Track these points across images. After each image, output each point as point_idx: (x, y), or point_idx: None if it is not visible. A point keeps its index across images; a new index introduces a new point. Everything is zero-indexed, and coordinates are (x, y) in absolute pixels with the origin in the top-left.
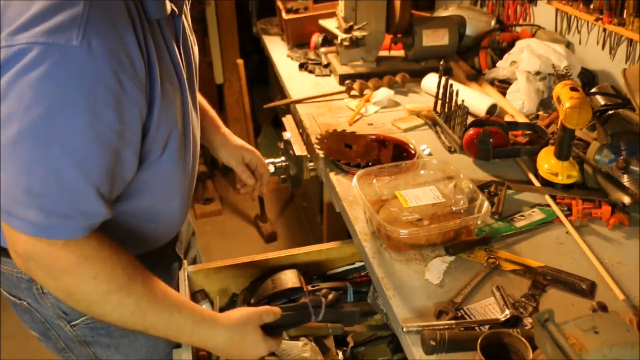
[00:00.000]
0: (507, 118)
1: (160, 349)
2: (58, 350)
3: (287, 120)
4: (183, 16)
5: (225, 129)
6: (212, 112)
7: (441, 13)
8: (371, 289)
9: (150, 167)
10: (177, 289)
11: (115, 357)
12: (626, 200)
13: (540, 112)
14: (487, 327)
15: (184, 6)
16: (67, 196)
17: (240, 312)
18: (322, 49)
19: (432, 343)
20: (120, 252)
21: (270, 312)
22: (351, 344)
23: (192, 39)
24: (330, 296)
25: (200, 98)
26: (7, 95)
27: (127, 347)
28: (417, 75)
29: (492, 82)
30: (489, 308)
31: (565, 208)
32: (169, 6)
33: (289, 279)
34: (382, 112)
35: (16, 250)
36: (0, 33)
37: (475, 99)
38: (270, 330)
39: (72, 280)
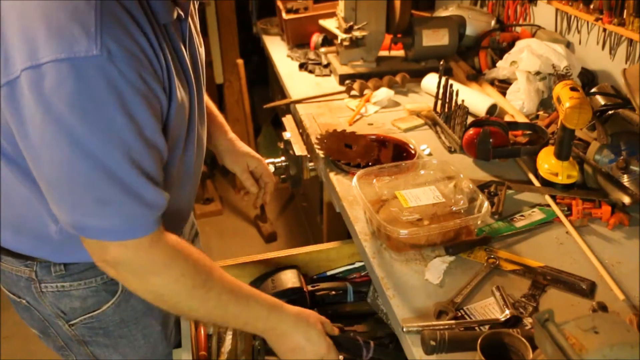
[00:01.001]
0: (507, 118)
1: (160, 349)
2: (57, 348)
3: (287, 120)
4: (190, 18)
5: (232, 135)
6: (220, 118)
7: (441, 13)
8: (371, 289)
9: None
10: None
11: (114, 357)
12: (626, 200)
13: (540, 112)
14: (487, 327)
15: (191, 8)
16: (133, 195)
17: (296, 306)
18: (322, 49)
19: (432, 343)
20: (193, 249)
21: (328, 324)
22: None
23: (198, 40)
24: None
25: (208, 102)
26: (44, 118)
27: (126, 347)
28: (417, 75)
29: (492, 82)
30: (489, 308)
31: (565, 208)
32: (175, 11)
33: (289, 279)
34: (382, 112)
35: (105, 259)
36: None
37: (475, 99)
38: None
39: (161, 281)
